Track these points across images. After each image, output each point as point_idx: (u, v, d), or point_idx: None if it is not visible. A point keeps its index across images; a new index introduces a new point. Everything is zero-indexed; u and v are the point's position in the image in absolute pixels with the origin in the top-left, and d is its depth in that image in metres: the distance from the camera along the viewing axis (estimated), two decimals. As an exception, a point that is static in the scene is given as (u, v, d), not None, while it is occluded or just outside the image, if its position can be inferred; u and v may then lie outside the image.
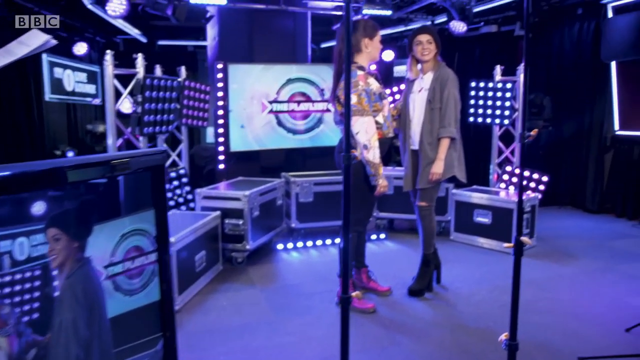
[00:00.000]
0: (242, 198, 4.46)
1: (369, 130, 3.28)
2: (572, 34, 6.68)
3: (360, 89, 3.29)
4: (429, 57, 3.67)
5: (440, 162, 3.62)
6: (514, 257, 2.24)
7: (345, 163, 1.79)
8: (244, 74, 5.62)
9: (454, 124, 3.62)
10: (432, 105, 3.64)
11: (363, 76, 3.36)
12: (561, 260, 4.69)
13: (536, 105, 6.72)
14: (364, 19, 3.54)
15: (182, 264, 3.71)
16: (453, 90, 3.62)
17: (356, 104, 3.27)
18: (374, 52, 3.49)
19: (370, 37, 3.44)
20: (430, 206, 3.81)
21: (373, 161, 3.31)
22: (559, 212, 6.70)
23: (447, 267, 4.37)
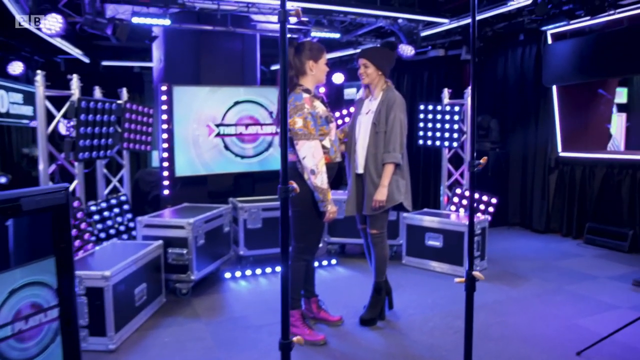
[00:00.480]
0: (186, 226, 4.24)
1: (315, 154, 3.17)
2: (515, 58, 6.87)
3: (305, 112, 3.18)
4: (366, 80, 3.61)
5: (383, 189, 3.51)
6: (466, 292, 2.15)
7: (282, 196, 1.65)
8: (189, 96, 5.44)
9: (399, 149, 3.52)
10: (377, 129, 3.55)
11: (308, 99, 3.25)
12: (512, 282, 4.69)
13: (483, 127, 6.83)
14: (309, 40, 3.46)
15: (120, 298, 3.45)
16: (399, 114, 3.53)
17: (302, 127, 3.16)
18: (319, 75, 3.39)
19: (315, 59, 3.34)
20: (382, 233, 3.70)
21: (321, 187, 3.20)
22: (508, 232, 6.79)
23: (399, 293, 4.29)
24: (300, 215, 3.37)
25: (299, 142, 3.16)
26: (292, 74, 3.30)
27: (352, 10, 5.63)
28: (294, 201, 3.35)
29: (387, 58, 3.66)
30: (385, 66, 3.62)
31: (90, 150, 4.08)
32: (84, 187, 4.28)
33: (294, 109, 3.18)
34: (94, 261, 3.72)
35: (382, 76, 3.63)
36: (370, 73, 3.59)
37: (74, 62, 8.53)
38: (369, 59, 3.59)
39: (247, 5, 5.47)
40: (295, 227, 3.41)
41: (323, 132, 3.30)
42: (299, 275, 3.48)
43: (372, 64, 3.58)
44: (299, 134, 3.15)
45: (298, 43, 3.36)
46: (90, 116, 4.00)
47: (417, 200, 8.18)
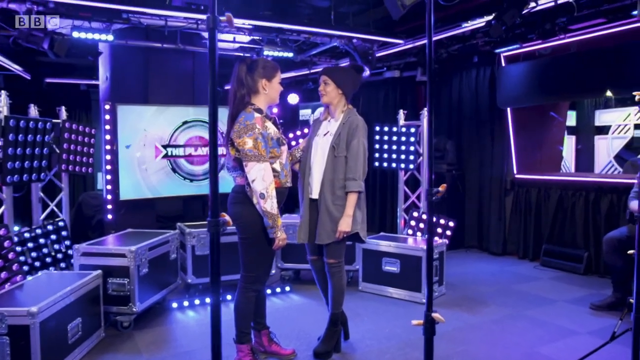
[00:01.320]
0: (128, 254, 3.93)
1: (265, 177, 2.96)
2: (470, 80, 6.90)
3: (256, 133, 2.98)
4: (325, 99, 3.45)
5: (347, 219, 3.33)
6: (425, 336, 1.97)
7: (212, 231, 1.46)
8: (135, 116, 5.15)
9: (362, 177, 3.35)
10: (335, 152, 3.37)
11: (260, 119, 3.05)
12: (471, 308, 4.57)
13: (439, 149, 6.79)
14: (263, 58, 3.27)
15: (49, 336, 3.11)
16: (362, 139, 3.36)
17: (252, 148, 2.95)
18: (272, 94, 3.20)
19: (268, 78, 3.15)
20: (340, 262, 3.49)
21: (270, 212, 2.98)
22: (466, 255, 6.72)
23: (356, 322, 4.10)
24: (249, 242, 3.14)
25: (249, 164, 2.95)
26: (244, 92, 3.10)
27: (305, 29, 5.51)
28: (242, 228, 3.14)
29: (351, 79, 3.49)
30: (347, 86, 3.45)
31: (21, 172, 3.73)
32: (13, 213, 3.92)
33: (244, 128, 2.97)
34: (22, 295, 3.37)
35: (343, 97, 3.47)
36: (330, 91, 3.42)
37: (14, 78, 8.08)
38: (329, 75, 3.43)
39: (197, 22, 5.26)
40: (244, 255, 3.19)
41: (274, 154, 3.11)
42: (248, 307, 3.24)
43: (332, 81, 3.42)
44: (248, 155, 2.95)
45: (251, 60, 3.18)
46: (21, 136, 3.66)
47: (374, 224, 8.10)
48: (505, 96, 6.17)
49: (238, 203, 3.11)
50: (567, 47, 5.81)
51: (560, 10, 5.16)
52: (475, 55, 6.72)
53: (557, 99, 6.34)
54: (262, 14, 5.29)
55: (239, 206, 3.11)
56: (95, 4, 4.56)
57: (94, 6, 4.59)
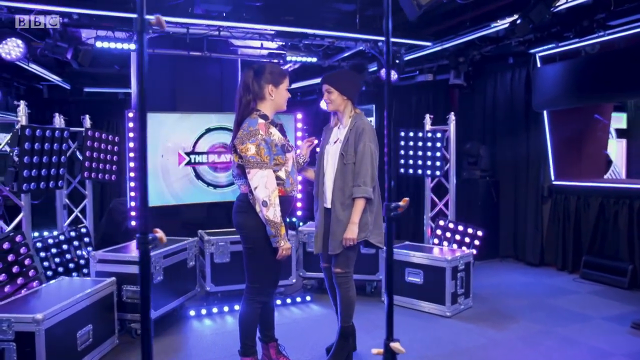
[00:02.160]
0: (141, 262, 3.93)
1: (268, 184, 2.88)
2: (505, 83, 6.61)
3: (259, 139, 2.90)
4: (331, 107, 3.38)
5: (354, 227, 3.22)
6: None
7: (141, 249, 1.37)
8: (157, 123, 5.18)
9: (370, 183, 3.23)
10: (344, 160, 3.28)
11: (264, 125, 2.97)
12: (498, 323, 4.32)
13: (473, 154, 6.53)
14: (271, 63, 3.20)
15: (56, 343, 3.13)
16: (369, 143, 3.25)
17: (254, 154, 2.88)
18: (279, 101, 3.11)
19: (275, 84, 3.07)
20: (348, 273, 3.38)
21: (273, 220, 2.89)
22: (500, 265, 6.41)
23: (372, 335, 3.95)
24: (253, 252, 3.06)
25: (251, 171, 2.88)
26: (250, 98, 3.03)
27: (328, 34, 5.41)
28: (246, 237, 3.06)
29: (353, 82, 3.41)
30: (351, 91, 3.37)
31: (37, 180, 3.81)
32: (31, 220, 4.00)
33: (247, 134, 2.91)
34: (34, 301, 3.41)
35: (349, 102, 3.37)
36: (335, 99, 3.34)
37: (57, 88, 8.39)
38: (331, 84, 3.35)
39: (218, 29, 5.26)
40: (248, 265, 3.11)
41: (279, 161, 3.02)
42: (253, 319, 3.16)
43: (335, 89, 3.33)
44: (251, 162, 2.87)
45: (258, 65, 3.11)
46: (37, 144, 3.74)
47: (400, 232, 7.91)
48: (541, 98, 5.85)
49: (242, 212, 3.04)
50: (612, 45, 5.43)
51: (598, 6, 4.84)
52: (510, 57, 6.41)
53: (597, 100, 5.95)
54: (284, 19, 5.22)
55: (242, 215, 3.04)
56: (117, 14, 4.62)
57: (116, 16, 4.66)
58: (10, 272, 3.61)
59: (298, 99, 9.81)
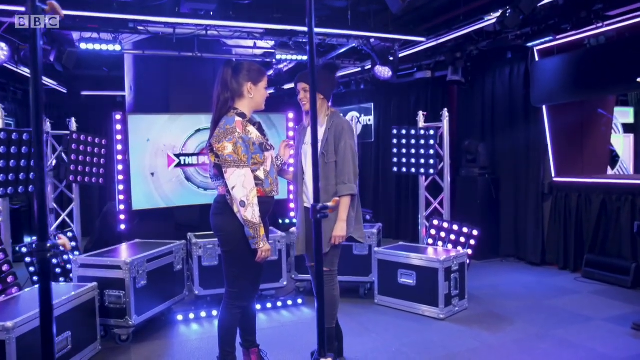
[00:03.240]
0: (123, 266, 3.85)
1: (246, 184, 2.78)
2: (503, 78, 6.44)
3: (236, 137, 2.80)
4: (308, 106, 3.26)
5: (342, 224, 3.17)
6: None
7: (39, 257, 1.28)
8: (146, 125, 5.11)
9: (354, 179, 3.20)
10: (325, 159, 3.20)
11: (241, 123, 2.87)
12: (493, 325, 4.18)
13: (471, 152, 6.38)
14: (250, 61, 3.09)
15: (29, 351, 3.05)
16: (349, 141, 3.21)
17: (231, 153, 2.77)
18: (258, 99, 3.00)
19: (254, 82, 2.96)
20: (332, 271, 3.28)
21: (252, 221, 2.79)
22: (500, 265, 6.24)
23: (363, 338, 3.85)
24: (231, 256, 2.96)
25: (229, 170, 2.78)
26: (228, 96, 2.93)
27: (318, 31, 5.28)
28: (224, 240, 2.96)
29: (328, 81, 3.32)
30: (326, 90, 3.28)
31: (15, 184, 3.74)
32: (9, 226, 3.94)
33: (224, 132, 2.81)
34: (9, 308, 3.34)
35: (325, 101, 3.29)
36: None
37: (55, 92, 8.37)
38: (307, 82, 3.24)
39: (205, 28, 5.17)
40: (227, 269, 3.00)
41: (257, 160, 2.92)
42: (231, 324, 3.06)
43: None
44: (228, 161, 2.77)
45: (236, 63, 3.01)
46: (13, 148, 3.67)
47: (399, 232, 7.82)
48: (540, 93, 5.68)
49: (219, 214, 2.94)
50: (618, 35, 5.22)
51: (594, -4, 4.68)
52: (509, 51, 6.26)
53: (596, 94, 5.75)
54: (272, 16, 5.11)
55: (220, 217, 2.93)
56: (101, 15, 4.55)
57: (100, 17, 4.59)
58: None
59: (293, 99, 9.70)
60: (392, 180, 7.87)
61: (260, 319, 4.47)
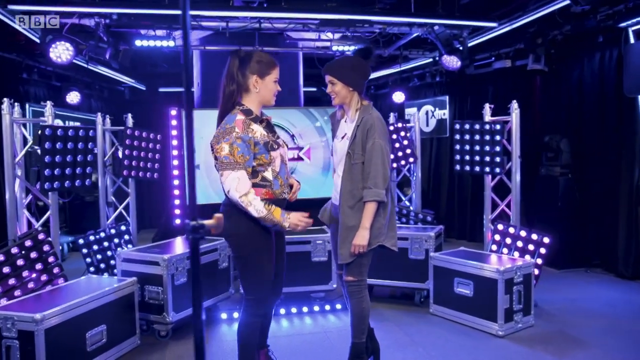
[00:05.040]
0: (161, 262, 3.84)
1: (239, 188, 2.57)
2: (593, 65, 5.69)
3: (233, 137, 2.58)
4: (337, 100, 2.99)
5: (364, 232, 2.86)
6: None
7: None
8: (201, 120, 5.10)
9: (382, 184, 2.85)
10: (352, 159, 2.92)
11: (242, 122, 2.64)
12: (560, 348, 3.65)
13: (552, 149, 5.72)
14: (259, 52, 2.87)
15: (58, 343, 3.11)
16: (379, 140, 2.86)
17: (227, 155, 2.58)
18: (265, 94, 2.77)
19: (261, 75, 2.73)
20: (361, 282, 3.01)
21: (260, 216, 2.60)
22: (584, 276, 5.54)
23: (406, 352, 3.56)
24: (245, 261, 2.77)
25: (224, 173, 2.59)
26: (233, 89, 2.72)
27: (377, 19, 4.96)
28: (235, 245, 2.77)
29: (358, 70, 2.98)
30: (356, 81, 2.96)
31: (62, 179, 3.84)
32: (58, 218, 4.06)
33: (223, 132, 2.62)
34: (47, 299, 3.42)
35: (355, 93, 2.98)
36: (339, 91, 2.96)
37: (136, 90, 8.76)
38: (334, 74, 2.96)
39: (259, 20, 5.05)
40: (243, 276, 2.82)
41: (262, 161, 2.68)
42: (252, 335, 2.86)
43: (338, 80, 2.94)
44: (223, 163, 2.59)
45: (245, 53, 2.80)
46: (59, 144, 3.77)
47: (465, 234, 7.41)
48: (634, 81, 4.91)
49: (227, 218, 2.73)
50: None
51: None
52: (600, 35, 5.51)
53: None
54: (326, 5, 4.88)
55: (229, 222, 2.72)
56: (154, 12, 4.58)
57: (153, 14, 4.63)
58: (34, 269, 3.68)
59: (372, 92, 9.40)
60: (468, 179, 7.35)
61: (306, 322, 4.30)
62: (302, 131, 5.50)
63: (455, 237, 7.67)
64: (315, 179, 5.60)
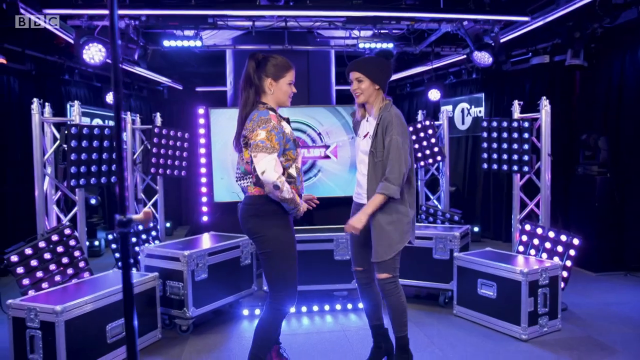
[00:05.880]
0: (182, 258, 3.91)
1: (277, 168, 2.60)
2: (635, 60, 5.41)
3: (271, 126, 2.64)
4: (362, 98, 3.00)
5: (363, 217, 2.91)
6: None
7: None
8: (227, 118, 5.17)
9: (396, 180, 2.84)
10: (375, 158, 2.95)
11: (275, 117, 2.72)
12: (586, 354, 3.50)
13: (590, 147, 5.48)
14: (275, 55, 2.89)
15: (80, 335, 3.22)
16: (396, 137, 2.87)
17: (264, 139, 2.60)
18: (279, 96, 2.81)
19: (275, 78, 2.78)
20: (395, 278, 3.04)
21: (289, 198, 2.64)
22: (623, 280, 5.28)
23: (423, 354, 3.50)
24: (271, 257, 2.79)
25: (258, 155, 2.59)
26: (251, 91, 2.81)
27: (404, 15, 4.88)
28: (261, 243, 2.81)
29: (383, 69, 3.02)
30: (382, 79, 3.00)
31: (87, 176, 3.98)
32: (84, 214, 4.21)
33: (259, 122, 2.66)
34: (72, 292, 3.55)
35: (380, 91, 3.01)
36: (366, 88, 2.98)
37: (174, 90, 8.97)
38: (362, 71, 2.98)
39: (285, 19, 5.06)
40: (270, 272, 2.83)
41: (290, 157, 2.77)
42: (272, 329, 2.90)
43: (366, 77, 2.97)
44: (259, 146, 2.59)
45: (263, 56, 2.85)
46: (85, 142, 3.90)
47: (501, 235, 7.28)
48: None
49: (252, 216, 2.77)
50: None
51: None
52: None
53: None
54: (353, 2, 4.84)
55: (253, 220, 2.77)
56: (180, 12, 4.67)
57: (180, 14, 4.72)
58: (60, 263, 3.82)
59: (407, 90, 9.27)
60: (504, 178, 7.15)
61: (327, 321, 4.29)
62: (329, 129, 5.48)
63: (490, 238, 7.48)
64: (342, 177, 5.57)
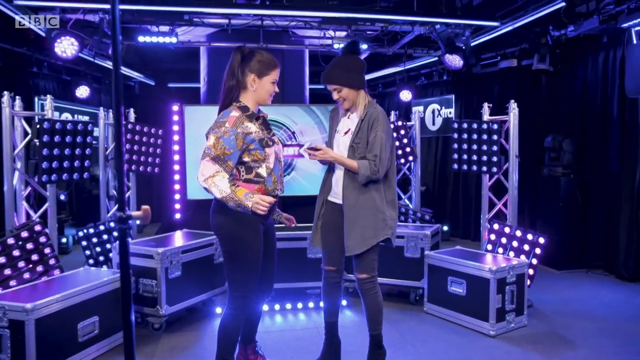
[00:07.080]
0: (155, 256, 3.89)
1: (204, 171, 2.61)
2: (596, 65, 5.63)
3: (222, 131, 2.63)
4: (347, 104, 3.01)
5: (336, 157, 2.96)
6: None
7: None
8: (202, 115, 5.16)
9: (379, 168, 2.88)
10: (355, 153, 2.96)
11: (235, 118, 2.68)
12: (550, 348, 3.64)
13: (555, 149, 5.68)
14: (261, 51, 2.89)
15: (50, 333, 3.17)
16: (381, 133, 2.90)
17: (210, 146, 2.62)
18: (261, 94, 2.80)
19: (259, 74, 2.76)
20: (373, 277, 3.06)
21: (223, 196, 2.58)
22: (585, 278, 5.49)
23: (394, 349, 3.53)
24: (233, 256, 2.78)
25: (201, 162, 2.64)
26: (233, 84, 2.77)
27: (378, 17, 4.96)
28: (224, 240, 2.80)
29: (355, 69, 2.99)
30: (358, 80, 2.98)
31: (59, 171, 3.92)
32: (56, 210, 4.14)
33: (215, 125, 2.69)
34: (41, 290, 3.49)
35: (360, 91, 3.01)
36: (347, 95, 2.98)
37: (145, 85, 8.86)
38: (336, 82, 2.97)
39: (261, 18, 5.08)
40: (230, 272, 2.80)
41: (257, 157, 2.73)
42: (234, 332, 2.85)
43: (343, 86, 2.96)
44: (204, 153, 2.64)
45: (249, 51, 2.84)
46: (57, 137, 3.84)
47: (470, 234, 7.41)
48: (636, 82, 4.86)
49: (217, 213, 2.78)
50: None
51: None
52: (605, 35, 5.45)
53: None
54: (328, 3, 4.89)
55: (218, 216, 2.77)
56: (156, 8, 4.64)
57: (156, 10, 4.68)
58: (30, 260, 3.76)
59: (379, 90, 9.39)
60: (473, 178, 7.32)
61: (300, 318, 4.33)
62: (302, 128, 5.53)
63: (460, 237, 7.65)
64: (316, 176, 5.61)
